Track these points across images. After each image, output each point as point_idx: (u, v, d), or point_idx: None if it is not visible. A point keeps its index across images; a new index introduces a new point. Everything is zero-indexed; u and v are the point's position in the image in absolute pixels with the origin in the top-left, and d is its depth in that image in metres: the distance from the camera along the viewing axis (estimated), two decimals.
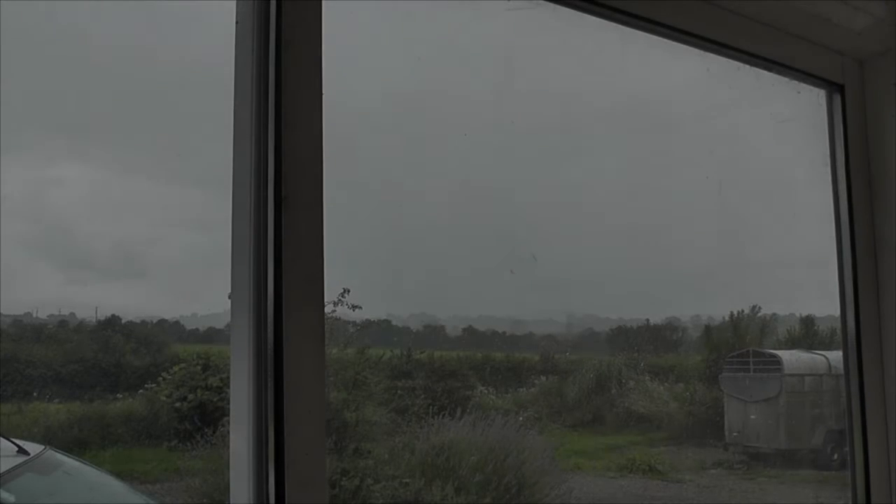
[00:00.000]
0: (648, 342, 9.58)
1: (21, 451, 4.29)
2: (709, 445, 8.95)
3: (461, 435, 6.81)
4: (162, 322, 7.15)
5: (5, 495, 4.02)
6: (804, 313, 9.58)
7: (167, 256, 6.76)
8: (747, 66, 2.29)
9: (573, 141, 7.79)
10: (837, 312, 2.42)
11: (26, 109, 5.15)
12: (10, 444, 4.33)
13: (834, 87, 2.44)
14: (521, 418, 7.52)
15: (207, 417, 6.07)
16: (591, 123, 7.62)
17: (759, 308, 9.66)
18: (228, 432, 1.37)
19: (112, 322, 6.60)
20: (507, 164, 7.43)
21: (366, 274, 6.69)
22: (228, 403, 1.37)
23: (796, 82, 2.43)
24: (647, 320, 9.59)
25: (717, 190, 4.91)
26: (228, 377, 1.37)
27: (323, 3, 1.44)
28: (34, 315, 6.22)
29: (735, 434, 8.82)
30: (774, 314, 9.87)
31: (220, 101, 1.49)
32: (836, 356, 6.97)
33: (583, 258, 8.25)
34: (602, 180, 8.41)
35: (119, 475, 5.38)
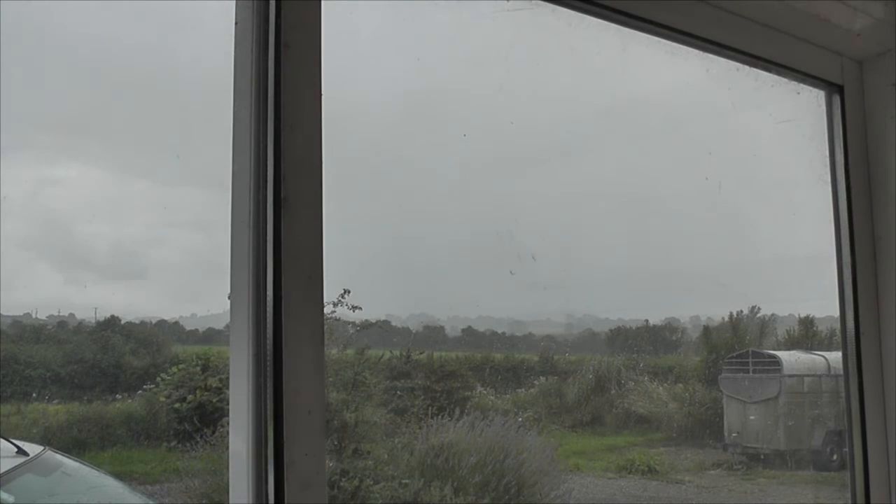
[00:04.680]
0: (648, 343, 9.58)
1: (20, 451, 4.29)
2: (708, 446, 8.95)
3: (460, 436, 6.81)
4: (161, 323, 7.15)
5: (5, 496, 4.02)
6: (803, 314, 9.59)
7: (167, 257, 6.76)
8: (747, 67, 2.29)
9: (573, 141, 7.79)
10: (837, 313, 2.42)
11: (26, 109, 5.14)
12: (9, 444, 4.33)
13: (833, 88, 2.45)
14: (520, 419, 7.53)
15: (207, 418, 6.07)
16: (590, 124, 7.63)
17: (759, 308, 9.67)
18: (228, 433, 1.37)
19: (111, 323, 6.60)
20: (506, 164, 7.44)
21: (366, 274, 6.69)
22: (228, 404, 1.37)
23: (796, 83, 2.43)
24: (647, 321, 9.60)
25: (717, 190, 4.91)
26: (228, 378, 1.37)
27: (322, 3, 1.44)
28: (33, 316, 6.22)
29: (734, 435, 8.82)
30: (774, 315, 9.88)
31: (220, 102, 1.49)
32: (835, 357, 6.98)
33: (582, 258, 8.25)
34: (601, 180, 8.41)
35: (118, 476, 5.38)
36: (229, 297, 1.37)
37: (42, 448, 4.57)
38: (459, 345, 8.79)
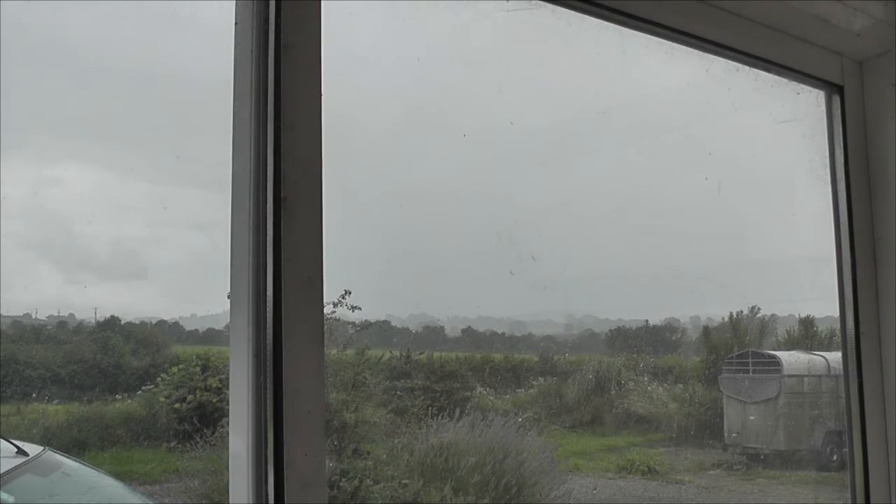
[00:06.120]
0: (647, 343, 9.58)
1: (20, 451, 4.30)
2: (708, 446, 8.95)
3: (460, 436, 6.81)
4: (161, 323, 7.15)
5: (5, 496, 4.02)
6: (803, 314, 9.59)
7: (167, 257, 6.76)
8: (746, 68, 2.29)
9: (572, 141, 7.79)
10: (836, 313, 2.42)
11: (26, 109, 5.14)
12: (9, 445, 4.33)
13: (833, 88, 2.44)
14: (520, 419, 7.52)
15: (206, 418, 6.07)
16: (590, 124, 7.63)
17: (759, 309, 9.67)
18: (228, 433, 1.37)
19: (111, 323, 6.60)
20: (506, 164, 7.44)
21: (365, 275, 6.69)
22: (228, 404, 1.37)
23: (795, 83, 2.43)
24: (647, 321, 9.60)
25: (717, 190, 4.91)
26: (228, 378, 1.37)
27: (322, 4, 1.44)
28: (33, 316, 6.22)
29: (734, 435, 8.82)
30: (774, 315, 9.88)
31: (220, 102, 1.49)
32: (835, 357, 6.96)
33: (582, 259, 8.25)
34: (601, 181, 8.42)
35: (118, 476, 5.38)
36: (229, 297, 1.37)
37: (42, 448, 4.57)
38: (459, 345, 8.79)
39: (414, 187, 7.37)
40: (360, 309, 6.59)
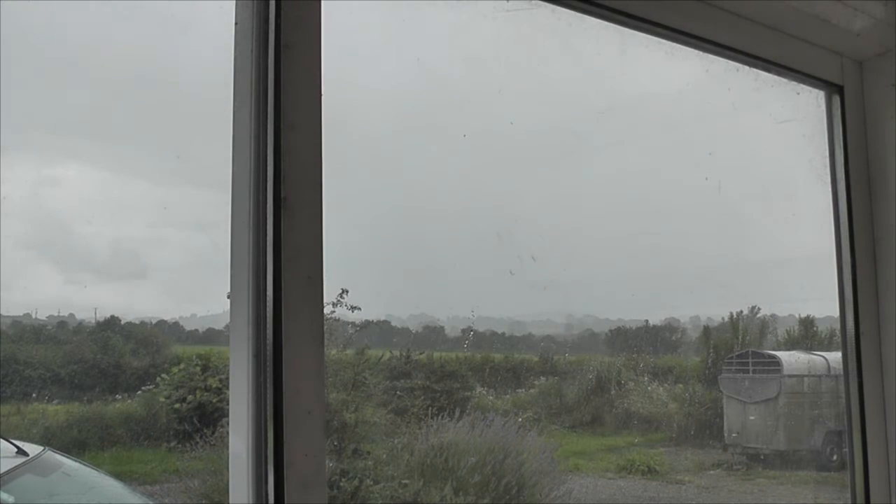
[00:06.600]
0: (648, 343, 9.58)
1: (20, 452, 4.30)
2: (708, 446, 8.95)
3: (460, 436, 6.81)
4: (161, 323, 7.15)
5: (5, 496, 4.02)
6: (803, 314, 9.59)
7: (167, 257, 6.75)
8: (746, 67, 2.29)
9: (572, 142, 7.79)
10: (837, 313, 2.42)
11: (26, 109, 5.14)
12: (9, 445, 4.33)
13: (833, 88, 2.45)
14: (520, 419, 7.52)
15: (207, 418, 6.07)
16: (590, 124, 7.62)
17: (759, 309, 9.67)
18: (228, 433, 1.37)
19: (111, 323, 6.60)
20: (506, 164, 7.44)
21: (365, 275, 6.69)
22: (228, 404, 1.37)
23: (795, 83, 2.43)
24: (647, 321, 9.59)
25: (717, 190, 4.91)
26: (228, 378, 1.37)
27: (322, 3, 1.44)
28: (33, 316, 6.22)
29: (734, 435, 8.82)
30: (774, 315, 9.88)
31: (220, 103, 1.49)
32: (835, 357, 6.96)
33: (582, 259, 8.25)
34: (601, 181, 8.41)
35: (118, 476, 5.38)
36: (229, 297, 1.37)
37: (42, 448, 4.57)
38: (459, 345, 8.78)
39: (414, 187, 7.38)
40: (359, 309, 6.59)
